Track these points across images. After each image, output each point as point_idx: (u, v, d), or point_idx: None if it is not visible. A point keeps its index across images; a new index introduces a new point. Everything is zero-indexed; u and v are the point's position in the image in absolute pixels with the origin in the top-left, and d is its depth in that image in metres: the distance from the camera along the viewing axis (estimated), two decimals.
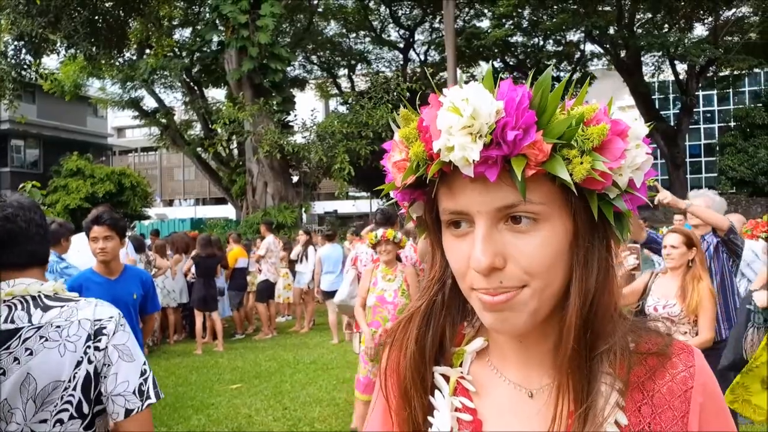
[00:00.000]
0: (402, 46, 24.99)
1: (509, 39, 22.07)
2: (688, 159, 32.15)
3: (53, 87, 19.07)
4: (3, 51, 15.95)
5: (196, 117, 20.40)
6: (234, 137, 17.16)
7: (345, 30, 24.56)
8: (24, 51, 16.25)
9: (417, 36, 24.81)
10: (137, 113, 20.68)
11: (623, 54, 21.96)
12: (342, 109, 20.40)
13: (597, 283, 0.62)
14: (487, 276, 0.60)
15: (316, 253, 8.54)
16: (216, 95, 21.61)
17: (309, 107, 17.28)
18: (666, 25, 21.89)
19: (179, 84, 19.94)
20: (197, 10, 19.42)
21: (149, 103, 20.91)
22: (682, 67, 23.49)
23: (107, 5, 16.76)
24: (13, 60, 16.07)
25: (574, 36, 22.75)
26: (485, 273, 0.60)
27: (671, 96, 30.65)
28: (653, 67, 23.94)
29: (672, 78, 24.50)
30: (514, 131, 0.56)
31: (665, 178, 21.70)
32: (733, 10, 21.00)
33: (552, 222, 0.61)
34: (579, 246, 0.62)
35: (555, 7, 20.93)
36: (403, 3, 23.47)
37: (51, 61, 20.08)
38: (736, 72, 23.28)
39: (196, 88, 20.09)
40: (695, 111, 28.33)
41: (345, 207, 29.57)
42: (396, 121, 0.66)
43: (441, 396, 0.70)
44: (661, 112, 26.00)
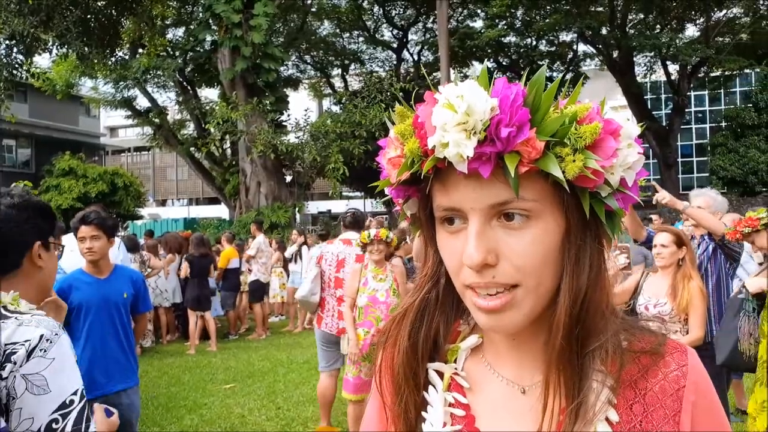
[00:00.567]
0: (395, 46, 25.00)
1: (502, 39, 22.13)
2: (679, 159, 32.33)
3: (45, 86, 18.93)
4: None
5: (189, 117, 20.32)
6: (227, 137, 17.11)
7: (338, 30, 24.54)
8: (15, 50, 16.12)
9: (410, 36, 24.84)
10: (130, 113, 20.58)
11: (615, 54, 22.06)
12: (335, 109, 20.36)
13: (589, 281, 0.63)
14: (480, 272, 0.61)
15: (308, 253, 8.53)
16: (209, 95, 21.56)
17: (302, 107, 17.26)
18: (658, 26, 22.02)
19: (172, 83, 19.85)
20: (190, 9, 19.35)
21: (142, 103, 20.84)
22: (673, 68, 23.64)
23: (99, 4, 16.66)
24: (5, 59, 15.93)
25: (566, 36, 22.85)
26: (477, 269, 0.60)
27: (663, 96, 30.81)
28: (645, 68, 24.07)
29: (664, 78, 24.65)
30: (507, 128, 0.57)
31: (657, 177, 21.77)
32: (725, 11, 21.16)
33: (544, 219, 0.61)
34: (571, 243, 0.62)
35: (548, 8, 21.00)
36: (397, 3, 23.48)
37: (43, 60, 19.96)
38: (727, 72, 23.44)
39: (189, 87, 20.02)
40: (687, 111, 28.48)
41: (339, 207, 29.52)
42: (391, 119, 0.67)
43: (434, 391, 0.71)
44: (653, 112, 26.10)
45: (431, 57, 24.25)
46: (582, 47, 23.64)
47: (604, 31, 21.35)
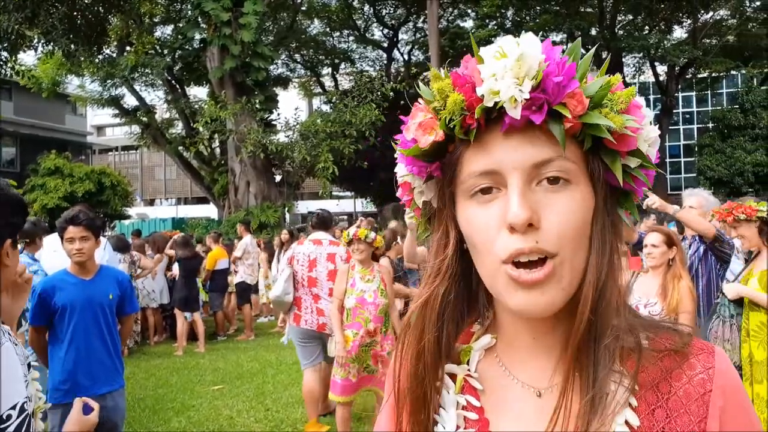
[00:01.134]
0: (386, 45, 25.01)
1: (492, 39, 22.04)
2: (668, 159, 32.68)
3: (30, 84, 18.67)
4: None
5: (177, 115, 20.16)
6: (216, 136, 16.99)
7: (329, 28, 24.50)
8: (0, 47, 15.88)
9: (401, 35, 24.87)
10: (118, 111, 20.38)
11: (605, 55, 22.23)
12: (325, 108, 20.32)
13: (608, 267, 0.61)
14: (524, 234, 0.58)
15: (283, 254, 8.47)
16: (198, 93, 21.41)
17: (292, 106, 17.19)
18: (646, 27, 22.22)
19: (161, 82, 19.69)
20: (179, 7, 19.19)
21: (130, 101, 20.65)
22: (662, 69, 23.89)
23: (86, 1, 16.45)
24: None
25: (556, 37, 22.93)
26: (523, 229, 0.57)
27: (651, 97, 31.07)
28: (634, 68, 24.30)
29: (652, 79, 24.88)
30: (558, 77, 0.57)
31: None
32: (711, 13, 21.41)
33: (581, 186, 0.61)
34: (597, 221, 0.62)
35: (538, 8, 21.12)
36: (387, 2, 23.49)
37: (28, 58, 19.73)
38: (714, 74, 23.71)
39: (177, 86, 19.86)
40: (675, 112, 28.79)
41: (329, 207, 29.42)
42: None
43: (447, 394, 0.69)
44: None
45: (422, 57, 24.28)
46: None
47: (593, 32, 21.50)
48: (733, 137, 22.96)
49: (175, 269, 8.19)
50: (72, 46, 16.13)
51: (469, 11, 22.36)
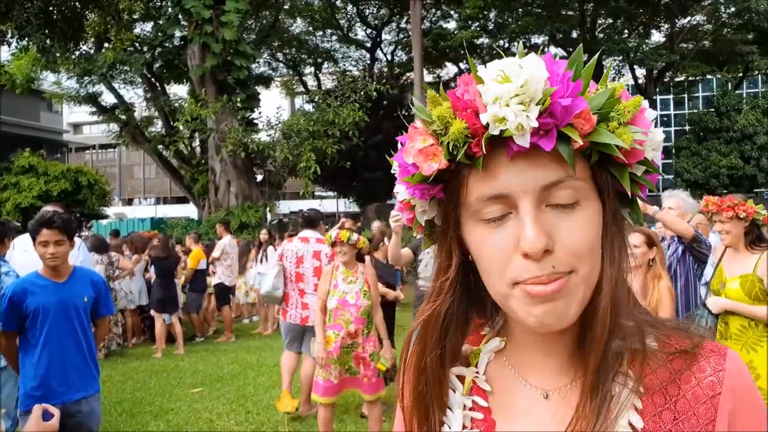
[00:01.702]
0: (369, 45, 24.99)
1: (475, 41, 22.31)
2: None
3: (3, 80, 18.23)
4: None
5: (157, 113, 19.87)
6: (196, 135, 16.79)
7: (311, 28, 24.40)
8: None
9: (384, 35, 24.88)
10: (95, 109, 20.00)
11: (585, 58, 22.53)
12: (308, 108, 20.23)
13: (618, 274, 0.61)
14: (540, 261, 0.56)
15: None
16: (178, 91, 21.11)
17: (274, 105, 17.05)
18: (626, 31, 22.57)
19: (140, 79, 19.38)
20: (159, 4, 18.90)
21: (108, 99, 20.27)
22: (641, 72, 24.29)
23: None
24: None
25: (538, 39, 23.18)
26: (539, 256, 0.56)
27: None
28: (613, 71, 24.64)
29: (631, 82, 25.27)
30: (566, 100, 0.55)
31: None
32: (688, 18, 21.83)
33: (591, 202, 0.60)
34: (607, 233, 0.61)
35: (520, 11, 21.30)
36: (370, 2, 23.47)
37: (1, 53, 19.22)
38: (690, 78, 24.18)
39: (157, 84, 19.57)
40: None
41: (311, 206, 29.35)
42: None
43: (454, 395, 0.69)
44: None
45: (405, 57, 24.32)
46: (553, 50, 24.02)
47: (574, 35, 21.76)
48: (709, 140, 23.46)
49: (152, 271, 8.05)
50: (47, 41, 15.82)
51: (452, 12, 22.45)
